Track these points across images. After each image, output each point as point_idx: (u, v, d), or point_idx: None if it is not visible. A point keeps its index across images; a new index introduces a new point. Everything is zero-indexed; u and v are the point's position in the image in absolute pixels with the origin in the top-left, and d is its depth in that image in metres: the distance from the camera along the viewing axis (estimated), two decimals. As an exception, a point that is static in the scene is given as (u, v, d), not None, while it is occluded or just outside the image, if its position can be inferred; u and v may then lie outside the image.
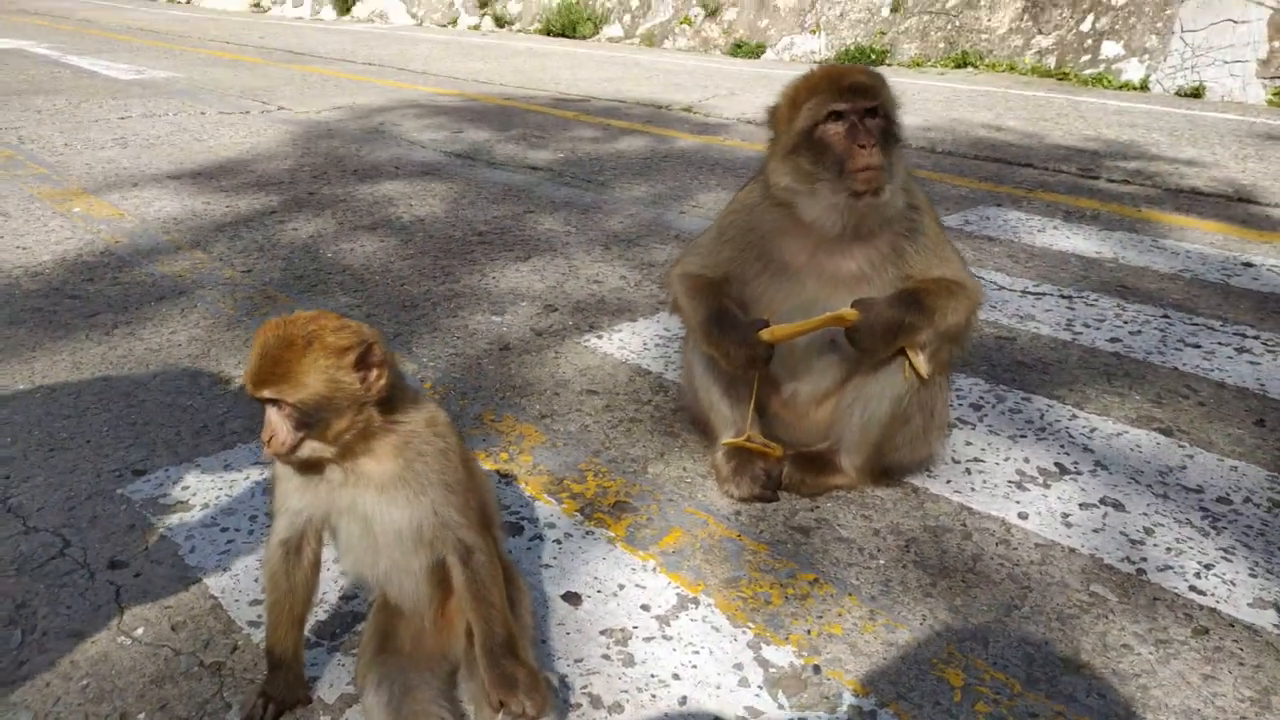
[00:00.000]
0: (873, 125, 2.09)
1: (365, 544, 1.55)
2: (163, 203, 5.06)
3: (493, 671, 1.49)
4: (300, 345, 1.41)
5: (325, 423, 1.42)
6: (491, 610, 1.53)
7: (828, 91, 2.11)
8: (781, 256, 2.28)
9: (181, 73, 10.64)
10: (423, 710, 1.55)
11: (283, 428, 1.41)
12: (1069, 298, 3.87)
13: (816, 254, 2.25)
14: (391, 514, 1.52)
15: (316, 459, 1.47)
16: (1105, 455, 2.62)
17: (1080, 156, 6.79)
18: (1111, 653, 1.86)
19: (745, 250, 2.32)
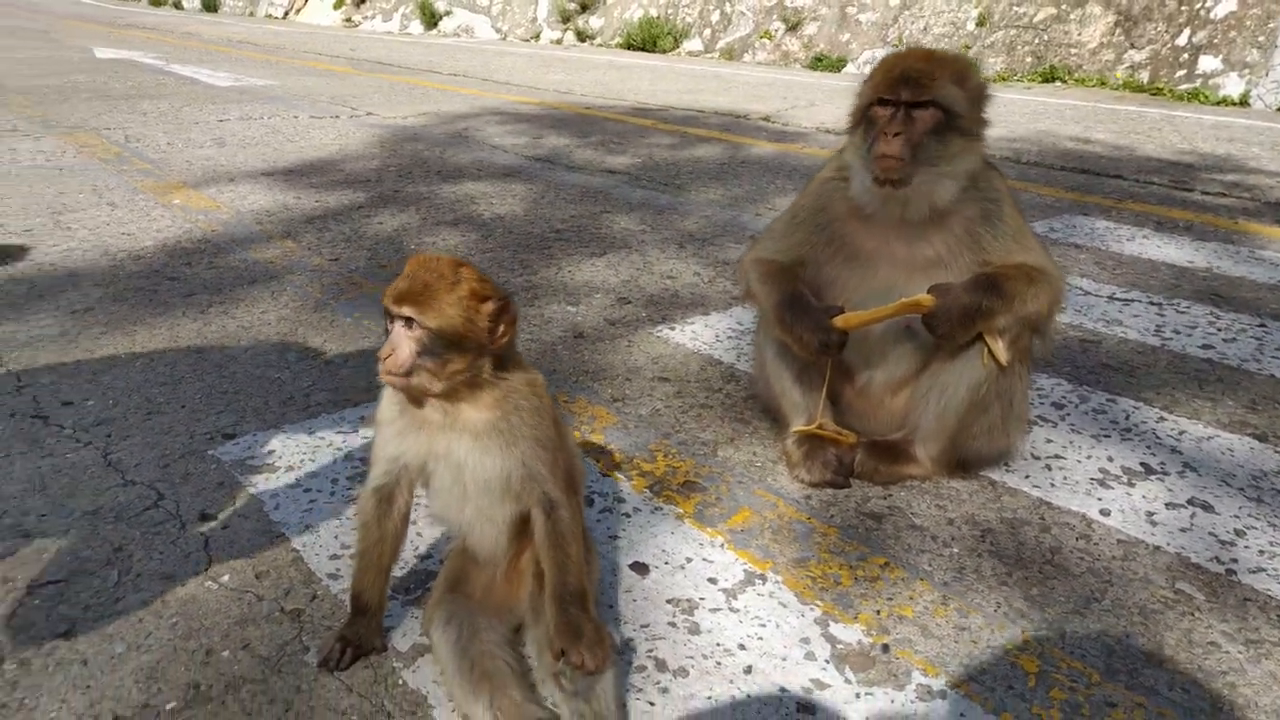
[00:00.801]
0: (917, 115, 2.08)
1: (455, 490, 1.59)
2: (256, 197, 5.27)
3: (561, 619, 1.52)
4: (449, 279, 1.49)
5: (444, 357, 1.48)
6: (568, 561, 1.55)
7: (881, 77, 2.14)
8: (854, 241, 2.27)
9: (276, 81, 11.07)
10: (487, 653, 1.58)
11: (406, 348, 1.46)
12: (1159, 304, 3.75)
13: (889, 239, 2.23)
14: (484, 462, 1.56)
15: (421, 390, 1.51)
16: (1194, 457, 2.52)
17: (1173, 169, 6.57)
18: (1197, 649, 1.79)
19: (817, 233, 2.31)
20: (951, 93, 2.08)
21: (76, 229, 4.48)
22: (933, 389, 2.29)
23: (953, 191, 2.14)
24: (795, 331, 2.24)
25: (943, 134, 2.08)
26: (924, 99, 2.07)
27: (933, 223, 2.21)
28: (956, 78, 2.09)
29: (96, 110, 8.22)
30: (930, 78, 2.06)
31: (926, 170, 2.09)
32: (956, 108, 2.08)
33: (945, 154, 2.09)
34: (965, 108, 2.10)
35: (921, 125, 2.07)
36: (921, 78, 2.07)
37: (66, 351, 3.03)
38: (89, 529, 2.07)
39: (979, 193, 2.22)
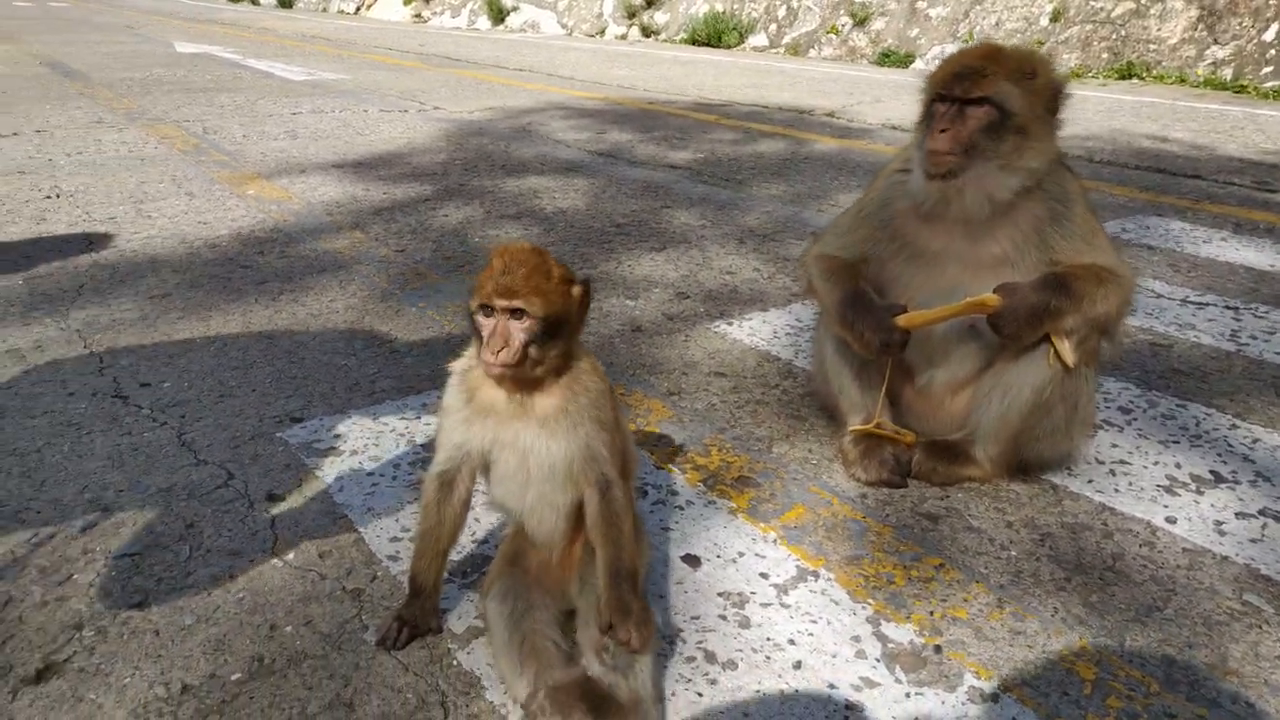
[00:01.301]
0: (970, 112, 2.07)
1: (519, 476, 1.63)
2: (326, 188, 5.41)
3: (612, 595, 1.54)
4: (545, 269, 1.54)
5: (547, 344, 1.53)
6: (621, 538, 1.58)
7: (940, 73, 2.13)
8: (918, 238, 2.24)
9: (348, 75, 11.32)
10: (539, 631, 1.61)
11: (517, 339, 1.51)
12: (1235, 309, 3.62)
13: (954, 236, 2.20)
14: (550, 447, 1.60)
15: (524, 378, 1.56)
16: (1268, 466, 2.44)
17: (1255, 169, 6.33)
18: (1264, 663, 1.74)
19: (881, 229, 2.30)
20: (1006, 90, 2.05)
21: (156, 217, 4.65)
22: (995, 389, 2.25)
23: (1011, 187, 2.10)
24: (856, 329, 2.22)
25: (999, 131, 2.05)
26: (976, 95, 2.04)
27: (998, 220, 2.18)
28: (1017, 74, 2.06)
29: (177, 103, 8.51)
30: (985, 74, 2.04)
31: (980, 165, 2.07)
32: (1011, 105, 2.05)
33: (1000, 150, 2.06)
34: (1023, 105, 2.06)
35: (974, 122, 2.05)
36: (976, 74, 2.05)
37: (145, 335, 3.16)
38: (163, 505, 2.16)
39: (1047, 192, 2.18)
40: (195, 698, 1.60)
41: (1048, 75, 2.13)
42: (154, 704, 1.59)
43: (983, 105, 2.07)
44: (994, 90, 2.06)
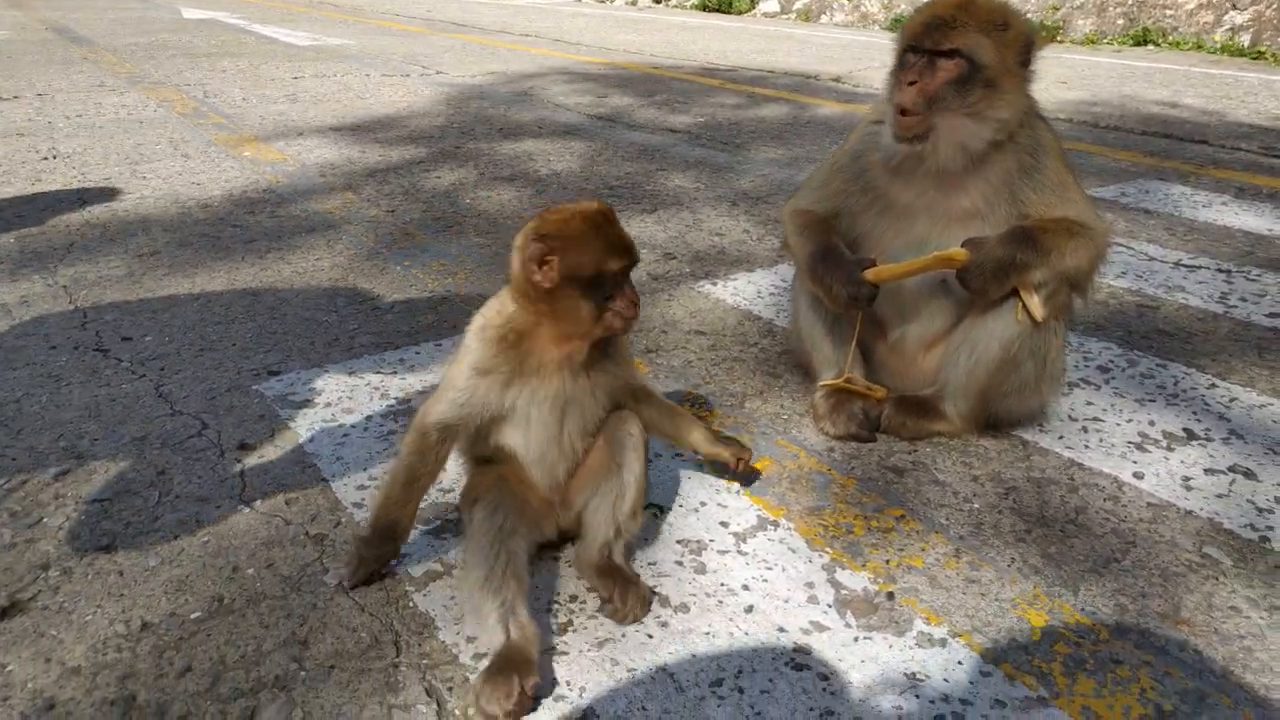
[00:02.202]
0: (940, 64, 2.03)
1: (548, 430, 1.71)
2: (322, 150, 5.40)
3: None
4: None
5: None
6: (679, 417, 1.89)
7: (911, 24, 2.09)
8: (889, 192, 2.23)
9: (353, 40, 11.26)
10: (515, 556, 1.61)
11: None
12: (1228, 272, 3.58)
13: (925, 190, 2.19)
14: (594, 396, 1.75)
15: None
16: (1242, 425, 2.43)
17: (1265, 135, 6.23)
18: (1217, 613, 1.74)
19: (854, 182, 2.28)
20: (976, 41, 2.01)
21: (151, 178, 4.67)
22: (964, 344, 2.24)
23: (983, 138, 2.07)
24: (826, 283, 2.22)
25: (968, 83, 2.02)
26: (946, 47, 2.01)
27: (969, 173, 2.15)
28: (988, 25, 2.02)
29: (179, 67, 8.50)
30: (954, 25, 2.00)
31: (949, 119, 2.04)
32: (981, 57, 2.01)
33: (969, 103, 2.03)
34: (993, 57, 2.02)
35: (944, 75, 2.02)
36: (946, 25, 2.01)
37: (131, 291, 3.18)
38: (136, 453, 2.19)
39: (1019, 145, 2.15)
40: (154, 634, 1.64)
41: (1020, 28, 2.09)
42: (113, 640, 1.62)
43: (953, 58, 2.04)
44: (964, 42, 2.03)
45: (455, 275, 3.40)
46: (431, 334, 2.89)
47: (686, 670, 1.57)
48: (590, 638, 1.64)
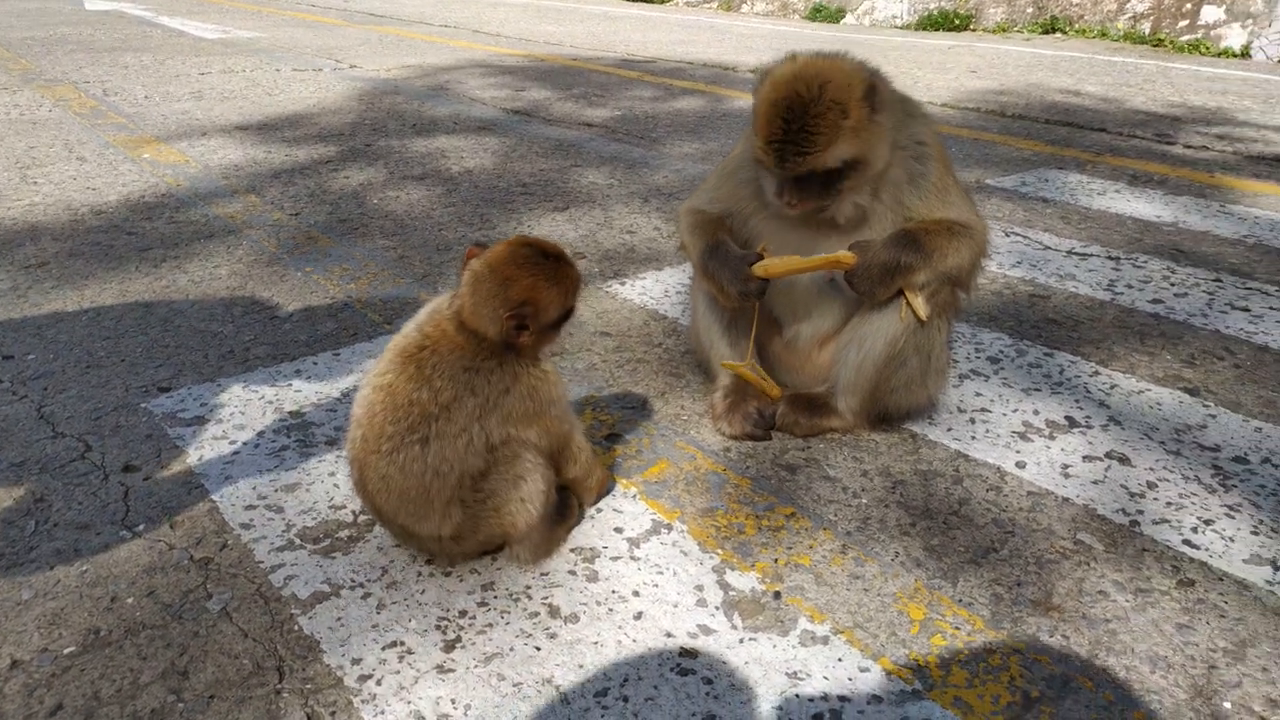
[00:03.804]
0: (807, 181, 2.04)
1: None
2: (227, 151, 5.26)
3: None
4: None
5: None
6: None
7: (765, 138, 2.02)
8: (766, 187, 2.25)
9: (264, 33, 10.96)
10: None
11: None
12: (1116, 259, 3.73)
13: None
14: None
15: None
16: (1121, 411, 2.53)
17: (1159, 122, 6.48)
18: (1085, 598, 1.82)
19: (744, 186, 2.30)
20: (834, 152, 1.99)
21: (42, 184, 4.49)
22: (852, 342, 2.29)
23: (868, 194, 2.13)
24: (717, 280, 2.24)
25: (840, 177, 2.05)
26: (806, 171, 2.02)
27: None
28: (840, 124, 1.97)
29: (79, 63, 8.17)
30: (815, 146, 1.97)
31: (832, 203, 2.10)
32: (843, 158, 2.01)
33: (847, 185, 2.07)
34: (853, 146, 2.00)
35: (814, 187, 2.05)
36: (805, 150, 1.98)
37: (14, 306, 3.06)
38: (13, 480, 2.12)
39: (904, 151, 2.18)
40: (24, 672, 1.59)
41: (861, 88, 2.00)
42: (-21, 680, 1.57)
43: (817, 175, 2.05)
44: (825, 161, 2.00)
45: (358, 280, 3.35)
46: (330, 343, 2.84)
47: (573, 682, 1.59)
48: (478, 653, 1.64)
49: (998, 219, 4.22)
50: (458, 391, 1.68)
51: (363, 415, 1.73)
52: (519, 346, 1.72)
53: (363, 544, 1.92)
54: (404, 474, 1.67)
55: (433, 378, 1.68)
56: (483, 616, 1.73)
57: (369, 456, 1.70)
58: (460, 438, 1.67)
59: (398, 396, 1.69)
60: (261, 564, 1.86)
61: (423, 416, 1.66)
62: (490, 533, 1.78)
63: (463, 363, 1.70)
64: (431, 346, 1.72)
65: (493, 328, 1.69)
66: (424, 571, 1.84)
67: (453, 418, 1.67)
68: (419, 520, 1.72)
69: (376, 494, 1.72)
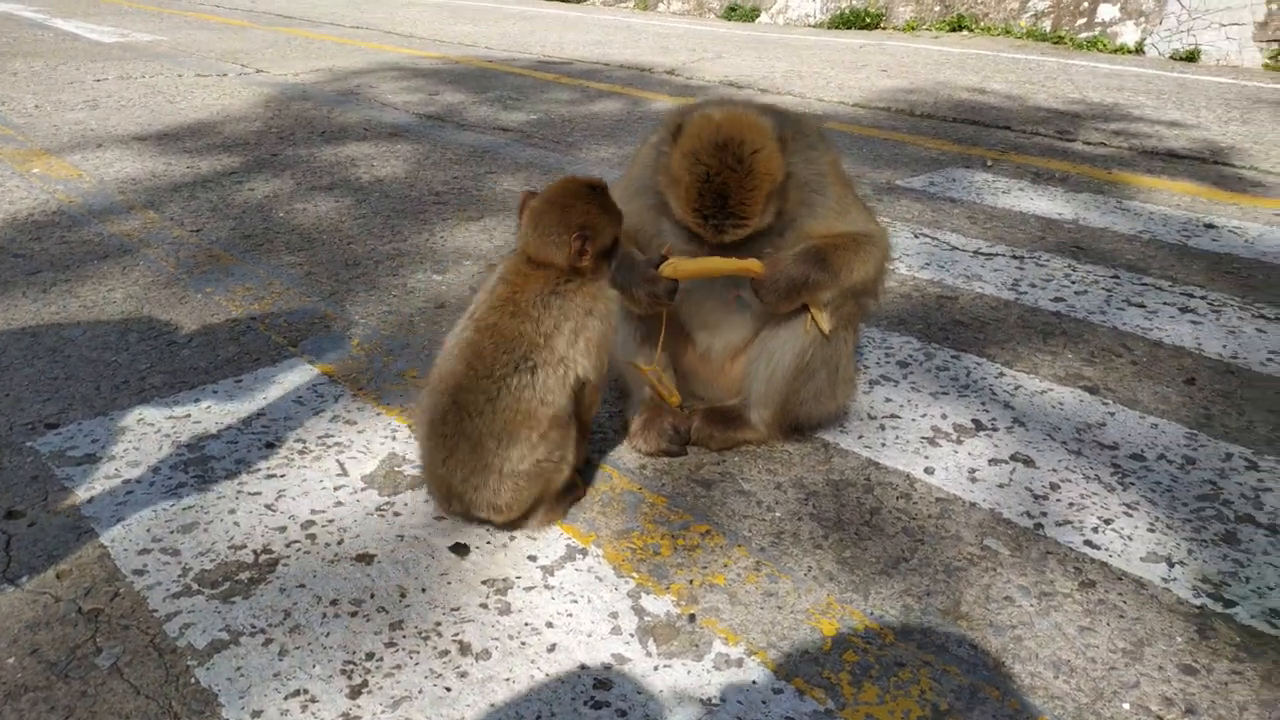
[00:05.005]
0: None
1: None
2: (124, 164, 5.04)
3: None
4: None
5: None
6: None
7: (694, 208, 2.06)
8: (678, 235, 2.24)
9: (165, 36, 10.56)
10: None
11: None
12: (1020, 258, 3.83)
13: None
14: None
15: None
16: (1025, 412, 2.60)
17: (1060, 119, 6.70)
18: (992, 605, 1.86)
19: (650, 210, 2.29)
20: (768, 214, 2.08)
21: (-81, 204, 4.23)
22: (762, 355, 2.31)
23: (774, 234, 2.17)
24: (627, 289, 2.22)
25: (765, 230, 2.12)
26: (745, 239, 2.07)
27: None
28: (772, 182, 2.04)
29: (-39, 71, 7.75)
30: (750, 215, 2.03)
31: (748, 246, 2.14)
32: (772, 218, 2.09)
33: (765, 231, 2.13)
34: (779, 202, 2.10)
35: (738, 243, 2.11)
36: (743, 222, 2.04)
37: (-114, 339, 2.88)
38: (-119, 532, 1.98)
39: (799, 179, 2.20)
40: (-109, 747, 1.48)
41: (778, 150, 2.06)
42: None
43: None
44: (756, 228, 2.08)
45: (262, 300, 3.24)
46: (231, 369, 2.74)
47: (484, 721, 1.55)
48: (386, 698, 1.59)
49: (907, 220, 4.30)
50: (555, 319, 1.91)
51: (460, 354, 1.92)
52: (583, 269, 1.94)
53: (264, 586, 1.85)
54: (515, 397, 1.88)
55: (530, 310, 1.91)
56: (390, 658, 1.68)
57: (478, 382, 1.89)
58: (559, 367, 1.91)
59: (506, 332, 1.90)
60: (155, 613, 1.77)
61: (531, 346, 1.90)
62: (543, 485, 1.97)
63: (551, 289, 1.93)
64: (520, 286, 1.94)
65: (559, 253, 1.92)
66: (329, 612, 1.78)
67: (554, 346, 1.90)
68: (510, 443, 1.89)
69: (478, 415, 1.88)
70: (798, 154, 2.16)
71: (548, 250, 1.94)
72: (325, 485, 2.19)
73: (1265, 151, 5.78)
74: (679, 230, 2.18)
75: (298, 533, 2.02)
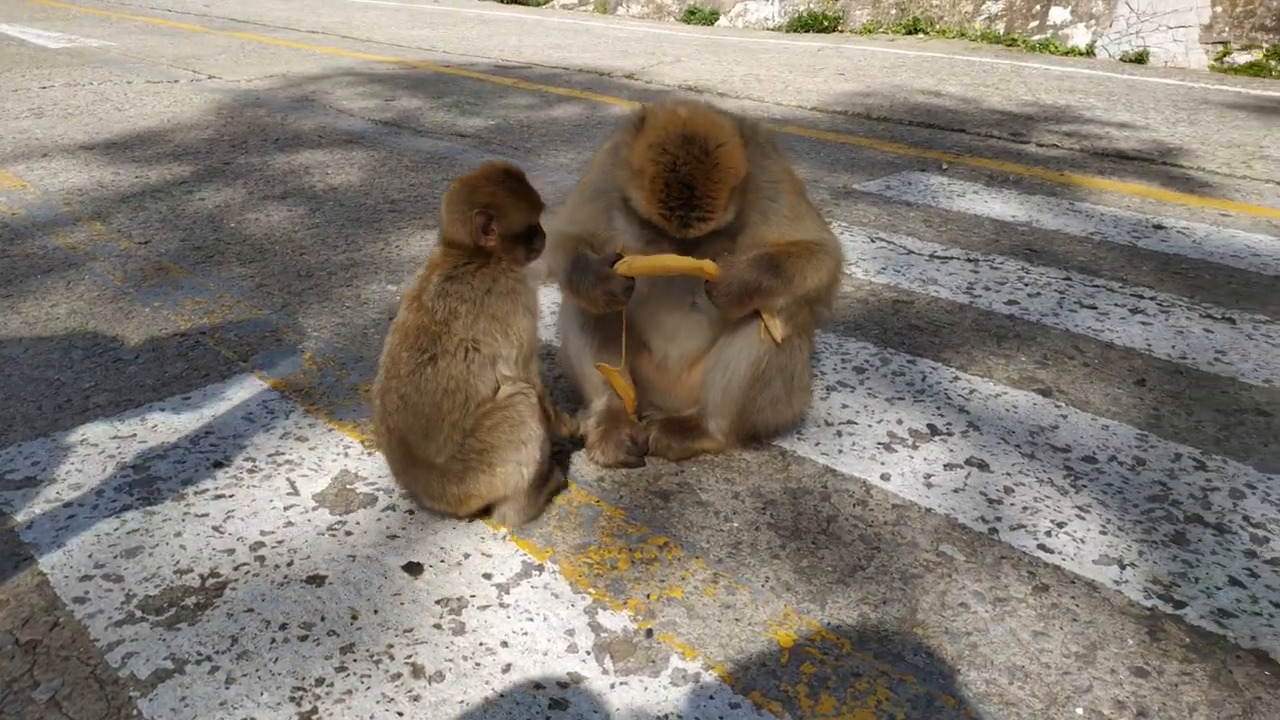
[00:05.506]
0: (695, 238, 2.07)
1: None
2: (70, 174, 4.92)
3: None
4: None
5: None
6: None
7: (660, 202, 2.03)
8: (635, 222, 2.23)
9: (115, 41, 10.35)
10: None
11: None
12: (975, 261, 3.87)
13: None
14: None
15: None
16: (980, 416, 2.62)
17: (1014, 121, 6.79)
18: (948, 611, 1.87)
19: (604, 211, 2.28)
20: (730, 211, 2.06)
21: None
22: (718, 364, 2.30)
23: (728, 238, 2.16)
24: (581, 289, 2.20)
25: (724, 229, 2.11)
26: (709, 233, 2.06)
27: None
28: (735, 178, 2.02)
29: (-101, 79, 7.53)
30: (714, 210, 2.02)
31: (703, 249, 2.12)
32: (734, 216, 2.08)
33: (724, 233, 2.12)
34: (741, 202, 2.09)
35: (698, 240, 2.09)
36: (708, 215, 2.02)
37: None
38: None
39: (758, 190, 2.19)
40: None
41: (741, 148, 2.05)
42: None
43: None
44: (719, 224, 2.06)
45: (212, 314, 3.18)
46: (179, 386, 2.68)
47: (437, 745, 1.52)
48: (335, 724, 1.56)
49: (864, 224, 4.33)
50: (451, 304, 1.92)
51: (386, 359, 1.98)
52: (488, 248, 1.95)
53: (211, 611, 1.81)
54: (419, 392, 1.91)
55: (427, 302, 1.93)
56: (341, 683, 1.65)
57: (390, 383, 1.94)
58: (459, 351, 1.91)
59: (409, 329, 1.94)
60: (97, 642, 1.72)
61: (430, 337, 1.91)
62: (478, 484, 1.97)
63: (446, 275, 1.94)
64: (426, 277, 1.97)
65: (464, 230, 1.94)
66: (278, 637, 1.75)
67: (452, 330, 1.91)
68: (426, 438, 1.92)
69: (395, 413, 1.93)
70: (753, 161, 2.15)
71: (455, 229, 1.97)
72: (275, 505, 2.14)
73: (1211, 152, 5.91)
74: (637, 230, 2.15)
75: (246, 555, 1.97)
